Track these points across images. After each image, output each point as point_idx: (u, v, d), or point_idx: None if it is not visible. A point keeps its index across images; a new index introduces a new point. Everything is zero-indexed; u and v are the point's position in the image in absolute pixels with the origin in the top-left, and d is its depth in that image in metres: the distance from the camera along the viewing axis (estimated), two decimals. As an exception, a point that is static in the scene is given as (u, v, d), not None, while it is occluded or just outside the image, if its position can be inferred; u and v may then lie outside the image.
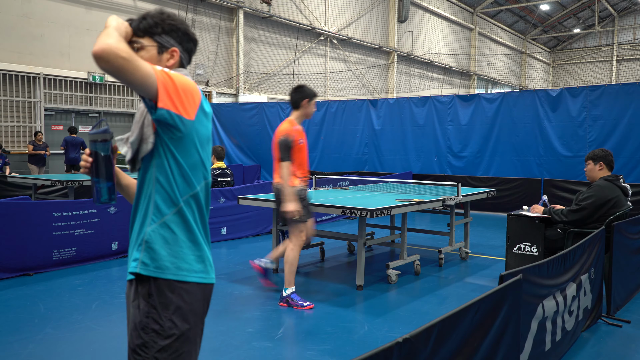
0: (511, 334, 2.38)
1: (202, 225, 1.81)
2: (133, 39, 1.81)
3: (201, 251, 1.77)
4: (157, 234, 1.71)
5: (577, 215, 4.64)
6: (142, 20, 1.84)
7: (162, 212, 1.73)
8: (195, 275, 1.74)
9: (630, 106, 9.90)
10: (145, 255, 1.70)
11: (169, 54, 1.85)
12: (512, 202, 10.40)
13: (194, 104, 1.71)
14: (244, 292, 5.13)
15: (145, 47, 1.81)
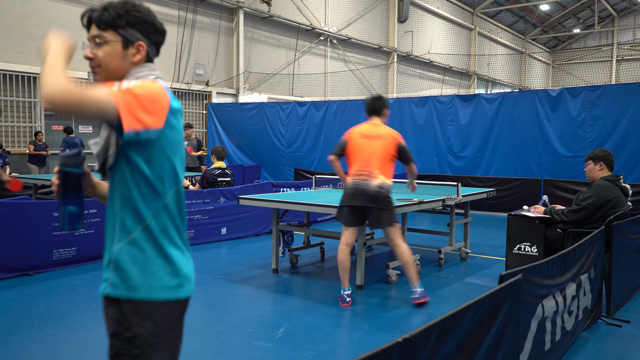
0: (511, 334, 2.38)
1: (177, 233, 1.72)
2: (95, 33, 1.67)
3: (175, 264, 1.68)
4: (125, 252, 1.63)
5: (578, 215, 4.64)
6: (104, 12, 1.67)
7: (129, 230, 1.64)
8: (169, 292, 1.66)
9: (630, 106, 9.89)
10: (115, 275, 1.63)
11: (134, 48, 1.70)
12: (512, 202, 10.39)
13: (161, 109, 1.60)
14: (244, 292, 5.13)
15: (109, 42, 1.67)
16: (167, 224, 1.68)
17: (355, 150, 4.72)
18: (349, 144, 4.78)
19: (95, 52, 1.67)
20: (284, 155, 14.62)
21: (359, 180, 4.63)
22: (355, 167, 4.70)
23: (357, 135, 4.78)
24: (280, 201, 5.53)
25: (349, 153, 4.77)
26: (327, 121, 13.92)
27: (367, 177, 4.63)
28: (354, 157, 4.73)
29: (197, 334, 3.98)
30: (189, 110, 15.48)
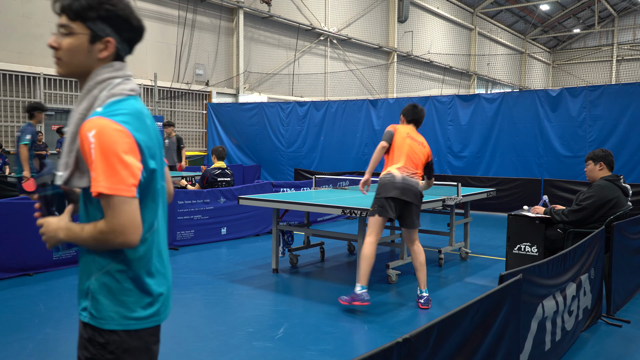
0: (511, 334, 2.38)
1: (158, 257, 1.67)
2: (63, 22, 1.55)
3: (152, 294, 1.63)
4: (100, 283, 1.57)
5: (578, 215, 4.64)
6: (75, 1, 1.53)
7: (105, 261, 1.57)
8: (145, 322, 1.62)
9: (630, 106, 9.89)
10: (92, 306, 1.58)
11: (102, 44, 1.57)
12: (512, 202, 10.39)
13: (134, 155, 1.50)
14: (244, 292, 5.13)
15: (76, 34, 1.54)
16: (144, 252, 1.61)
17: (402, 147, 4.79)
18: (395, 138, 4.86)
19: (60, 41, 1.56)
20: (284, 155, 14.62)
21: (409, 177, 4.68)
22: (402, 163, 4.73)
23: (403, 134, 4.86)
24: (280, 201, 5.53)
25: (393, 147, 4.84)
26: (327, 121, 13.92)
27: (414, 175, 4.74)
28: (401, 152, 4.77)
29: (197, 334, 3.98)
30: (189, 110, 15.48)
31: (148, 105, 14.10)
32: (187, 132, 15.55)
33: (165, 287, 1.69)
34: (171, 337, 3.96)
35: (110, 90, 1.57)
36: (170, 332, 4.06)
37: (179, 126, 15.17)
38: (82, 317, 1.61)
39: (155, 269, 1.65)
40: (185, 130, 15.42)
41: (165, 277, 1.70)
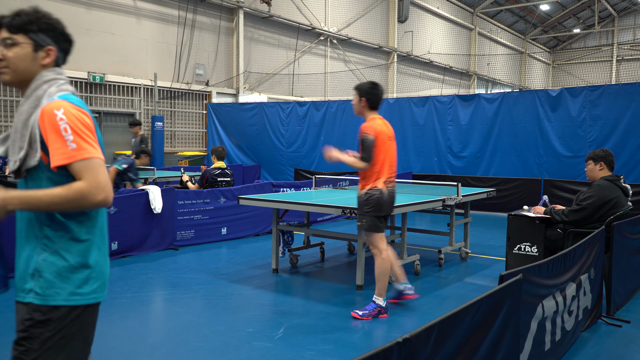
0: (511, 334, 2.38)
1: (100, 238, 1.82)
2: (6, 36, 1.76)
3: (95, 271, 1.79)
4: (48, 262, 1.71)
5: (578, 215, 4.64)
6: (15, 17, 1.77)
7: (53, 240, 1.72)
8: (89, 297, 1.77)
9: (630, 106, 9.90)
10: (37, 285, 1.70)
11: (44, 52, 1.81)
12: (512, 202, 10.40)
13: (94, 134, 1.77)
14: (244, 292, 5.13)
15: (19, 44, 1.76)
16: (90, 230, 1.78)
17: (386, 155, 4.38)
18: (378, 148, 4.35)
19: (4, 53, 1.75)
20: (284, 155, 14.62)
21: (392, 188, 4.44)
22: (386, 175, 4.37)
23: (384, 137, 4.42)
24: (280, 201, 5.53)
25: (377, 159, 4.33)
26: (327, 121, 13.92)
27: (394, 182, 4.49)
28: (384, 161, 4.36)
29: (197, 334, 3.98)
30: (189, 110, 15.48)
31: (148, 105, 14.10)
32: (187, 132, 15.55)
33: (107, 267, 1.86)
34: (171, 337, 3.96)
35: (59, 87, 1.78)
36: (171, 332, 4.06)
37: (179, 126, 15.18)
38: (24, 299, 1.73)
39: (99, 248, 1.81)
40: (185, 130, 15.42)
41: (106, 258, 1.87)
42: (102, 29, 12.91)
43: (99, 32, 12.76)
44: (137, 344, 3.83)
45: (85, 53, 12.56)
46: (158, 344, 3.85)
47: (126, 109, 13.55)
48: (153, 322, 4.29)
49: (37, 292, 1.70)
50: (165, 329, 4.14)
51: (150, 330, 4.13)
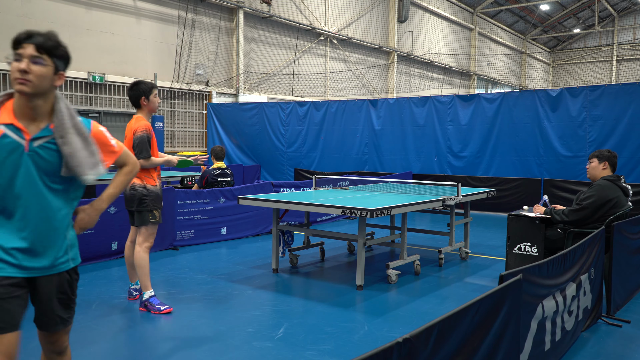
0: (511, 334, 2.38)
1: None
2: (36, 54, 2.04)
3: None
4: (73, 235, 2.30)
5: (578, 215, 4.64)
6: (47, 40, 2.07)
7: (72, 220, 2.31)
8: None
9: (630, 106, 9.90)
10: (72, 254, 2.28)
11: (58, 76, 2.13)
12: (512, 202, 10.40)
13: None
14: (244, 292, 5.13)
15: (47, 65, 2.07)
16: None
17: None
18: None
19: (32, 68, 2.03)
20: (284, 155, 14.62)
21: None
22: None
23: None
24: (280, 201, 5.53)
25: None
26: (327, 121, 13.92)
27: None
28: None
29: (197, 334, 3.98)
30: (189, 110, 15.48)
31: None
32: (187, 132, 15.55)
33: None
34: (171, 337, 3.96)
35: (68, 105, 2.18)
36: (170, 332, 4.06)
37: (179, 126, 15.18)
38: (63, 268, 2.23)
39: None
40: (185, 130, 15.42)
41: None
42: (102, 29, 12.91)
43: (99, 32, 12.76)
44: (137, 344, 3.83)
45: (85, 53, 12.56)
46: (158, 344, 3.85)
47: (126, 109, 13.55)
48: (153, 323, 4.29)
49: (73, 259, 2.28)
50: (165, 329, 4.13)
51: (150, 330, 4.13)
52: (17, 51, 2.04)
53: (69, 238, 2.25)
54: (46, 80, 2.07)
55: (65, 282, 2.26)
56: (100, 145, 2.25)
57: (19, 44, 2.04)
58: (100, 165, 2.19)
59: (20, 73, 2.01)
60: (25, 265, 2.12)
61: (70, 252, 2.26)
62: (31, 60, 2.03)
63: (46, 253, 2.16)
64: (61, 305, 2.28)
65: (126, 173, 2.43)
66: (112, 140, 2.35)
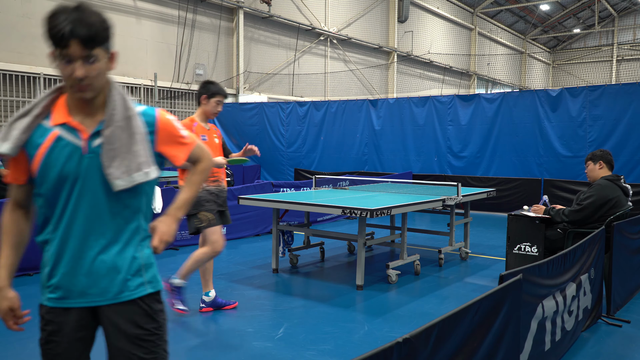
0: (511, 334, 2.38)
1: None
2: (86, 53, 1.64)
3: None
4: (147, 254, 1.86)
5: (579, 215, 4.65)
6: (90, 28, 1.64)
7: (144, 233, 1.86)
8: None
9: (630, 106, 9.90)
10: (147, 276, 1.85)
11: (110, 59, 1.76)
12: (512, 202, 10.39)
13: None
14: (244, 292, 5.13)
15: (101, 60, 1.69)
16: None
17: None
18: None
19: (88, 71, 1.65)
20: (284, 155, 14.62)
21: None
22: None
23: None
24: (280, 201, 5.53)
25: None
26: (327, 121, 13.92)
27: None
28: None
29: (197, 334, 3.98)
30: (189, 110, 15.48)
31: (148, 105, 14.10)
32: (187, 132, 15.55)
33: None
34: (171, 337, 3.96)
35: (122, 92, 1.80)
36: (170, 333, 4.06)
37: (179, 126, 15.19)
38: (139, 292, 1.80)
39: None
40: (185, 130, 15.43)
41: None
42: (102, 29, 12.89)
43: (99, 32, 12.74)
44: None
45: (85, 53, 12.55)
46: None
47: (126, 109, 13.54)
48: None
49: (150, 282, 1.84)
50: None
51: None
52: (62, 51, 1.64)
53: (142, 257, 1.82)
54: (103, 74, 1.71)
55: (141, 313, 1.79)
56: (167, 137, 1.85)
57: (62, 42, 1.63)
58: (140, 172, 1.74)
59: (77, 80, 1.65)
60: (85, 292, 1.75)
61: (146, 273, 1.83)
62: (84, 61, 1.65)
63: (110, 274, 1.75)
64: (137, 344, 1.77)
65: (201, 171, 1.98)
66: (182, 131, 1.91)
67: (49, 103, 1.78)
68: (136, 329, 1.77)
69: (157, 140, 1.84)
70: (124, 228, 1.77)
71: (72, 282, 1.74)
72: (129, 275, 1.77)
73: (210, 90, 4.49)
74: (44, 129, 1.73)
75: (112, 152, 1.70)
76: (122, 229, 1.77)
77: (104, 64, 1.70)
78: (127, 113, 1.74)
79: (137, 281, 1.79)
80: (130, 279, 1.78)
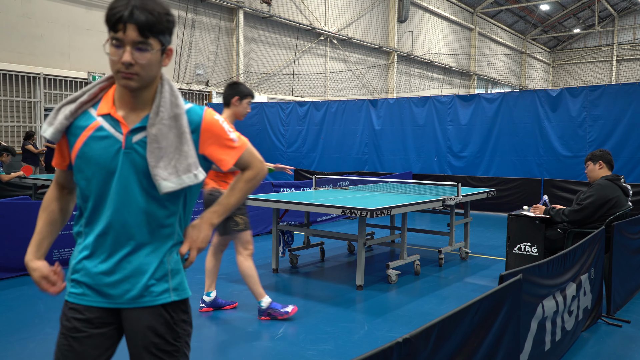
0: (511, 334, 2.38)
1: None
2: (140, 39, 1.54)
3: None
4: (176, 259, 1.77)
5: (579, 215, 4.65)
6: (149, 16, 1.54)
7: (178, 238, 1.77)
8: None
9: (630, 106, 9.90)
10: (173, 283, 1.74)
11: (166, 54, 1.67)
12: (512, 202, 10.40)
13: None
14: (244, 292, 5.13)
15: (153, 50, 1.59)
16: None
17: None
18: None
19: (137, 58, 1.56)
20: (284, 155, 14.62)
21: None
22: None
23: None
24: (280, 201, 5.53)
25: None
26: (327, 121, 13.92)
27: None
28: None
29: (197, 334, 3.98)
30: (189, 110, 15.51)
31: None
32: (187, 132, 15.56)
33: None
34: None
35: (174, 88, 1.74)
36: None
37: (179, 126, 15.20)
38: (162, 299, 1.68)
39: None
40: (185, 130, 15.44)
41: None
42: (102, 29, 12.88)
43: (99, 32, 12.76)
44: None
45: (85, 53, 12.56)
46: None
47: (126, 109, 13.56)
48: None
49: (175, 289, 1.72)
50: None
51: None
52: (115, 34, 1.54)
53: (169, 262, 1.71)
54: (154, 68, 1.62)
55: (161, 321, 1.67)
56: (212, 139, 1.70)
57: (118, 24, 1.53)
58: (189, 173, 1.63)
59: (124, 66, 1.56)
60: (107, 292, 1.66)
61: (172, 280, 1.70)
62: (135, 48, 1.55)
63: (135, 277, 1.66)
64: (153, 353, 1.66)
65: (248, 179, 1.79)
66: (231, 133, 1.74)
67: (98, 91, 1.71)
68: (154, 337, 1.66)
69: (201, 142, 1.69)
70: (156, 231, 1.67)
71: (94, 279, 1.65)
72: (153, 280, 1.66)
73: (243, 92, 4.37)
74: (89, 117, 1.67)
75: (159, 151, 1.60)
76: (155, 232, 1.66)
77: (156, 57, 1.60)
78: (175, 111, 1.66)
79: (162, 287, 1.68)
80: (155, 283, 1.67)
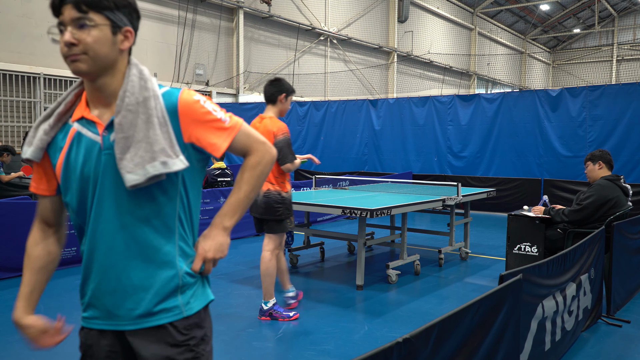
0: (511, 334, 2.38)
1: None
2: (78, 15, 1.39)
3: None
4: (185, 270, 1.54)
5: (579, 215, 4.65)
6: None
7: (188, 254, 1.54)
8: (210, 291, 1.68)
9: (630, 106, 9.90)
10: (186, 296, 1.53)
11: (122, 34, 1.48)
12: (512, 202, 10.40)
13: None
14: (244, 292, 5.13)
15: (98, 26, 1.40)
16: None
17: None
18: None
19: (79, 36, 1.39)
20: (284, 155, 14.61)
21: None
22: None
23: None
24: (280, 201, 5.52)
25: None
26: (327, 121, 13.92)
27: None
28: None
29: (197, 334, 3.97)
30: (189, 110, 15.50)
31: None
32: (187, 132, 15.55)
33: None
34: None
35: (143, 71, 1.55)
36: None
37: (179, 126, 15.18)
38: (171, 317, 1.48)
39: None
40: (185, 130, 15.43)
41: None
42: (102, 29, 12.90)
43: (99, 32, 12.74)
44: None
45: (85, 53, 12.54)
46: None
47: (126, 109, 13.54)
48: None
49: (187, 304, 1.51)
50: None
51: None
52: (59, 19, 1.41)
53: (179, 274, 1.49)
54: (104, 47, 1.42)
55: (171, 342, 1.47)
56: (194, 121, 1.48)
57: (59, 9, 1.41)
58: (154, 162, 1.41)
59: (67, 48, 1.40)
60: (113, 312, 1.51)
61: (182, 295, 1.50)
62: (76, 27, 1.39)
63: (137, 294, 1.47)
64: None
65: (253, 166, 1.60)
66: (217, 112, 1.52)
67: (74, 98, 1.55)
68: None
69: (183, 127, 1.48)
70: (154, 240, 1.47)
71: (100, 300, 1.50)
72: (159, 297, 1.47)
73: (289, 89, 4.31)
74: (68, 127, 1.51)
75: (125, 141, 1.41)
76: (153, 241, 1.47)
77: (104, 34, 1.42)
78: (144, 94, 1.46)
79: (171, 303, 1.48)
80: (162, 300, 1.47)
